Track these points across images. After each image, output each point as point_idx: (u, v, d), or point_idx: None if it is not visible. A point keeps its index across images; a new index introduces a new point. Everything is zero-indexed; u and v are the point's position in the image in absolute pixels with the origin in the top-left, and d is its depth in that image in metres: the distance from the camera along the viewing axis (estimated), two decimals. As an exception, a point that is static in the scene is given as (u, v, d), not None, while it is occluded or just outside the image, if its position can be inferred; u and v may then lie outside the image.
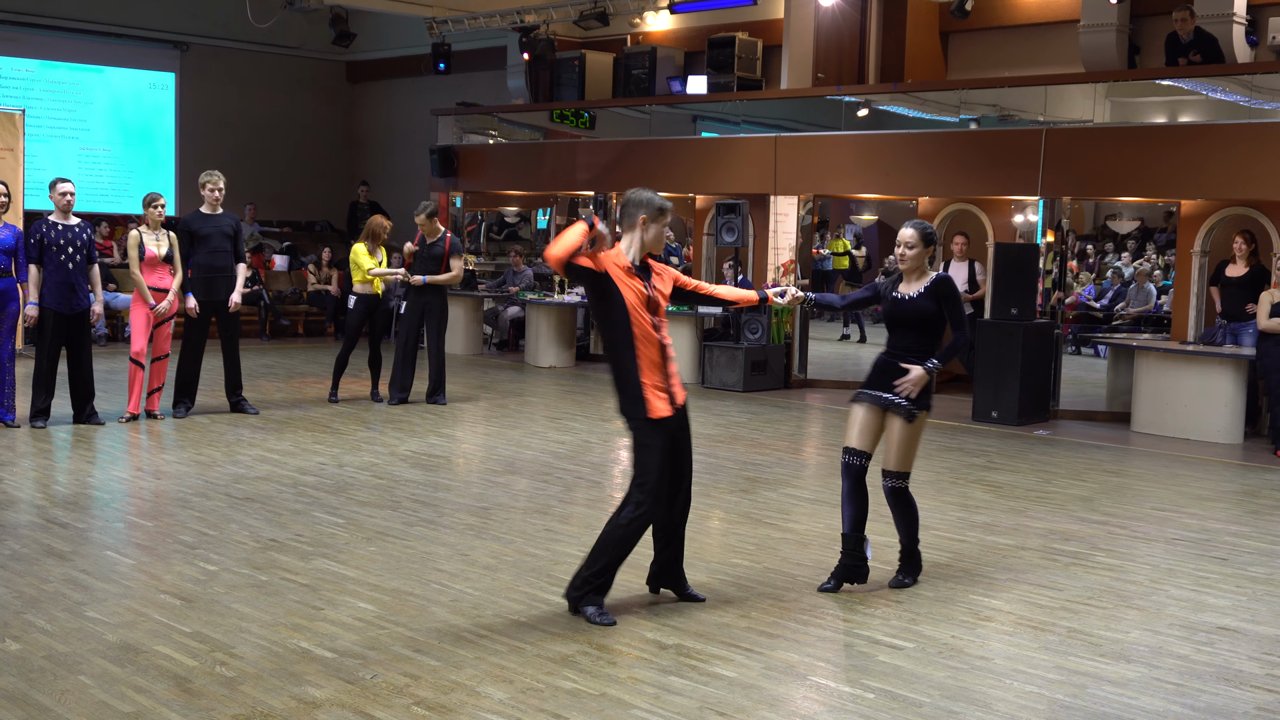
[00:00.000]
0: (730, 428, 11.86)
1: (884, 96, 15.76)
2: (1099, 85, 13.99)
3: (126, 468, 9.37)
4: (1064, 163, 13.22)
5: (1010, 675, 5.32)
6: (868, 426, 6.60)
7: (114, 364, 14.50)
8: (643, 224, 6.01)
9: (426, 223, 12.49)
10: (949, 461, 10.52)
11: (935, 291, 6.53)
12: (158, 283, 11.01)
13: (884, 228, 23.54)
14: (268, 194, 22.40)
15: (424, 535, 7.43)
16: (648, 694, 4.97)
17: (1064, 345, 13.76)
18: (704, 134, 17.64)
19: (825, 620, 6.01)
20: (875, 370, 6.66)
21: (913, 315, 6.53)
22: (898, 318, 6.59)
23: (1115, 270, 18.53)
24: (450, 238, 12.62)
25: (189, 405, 11.44)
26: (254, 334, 18.63)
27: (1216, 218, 12.72)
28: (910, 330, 6.56)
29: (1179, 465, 10.69)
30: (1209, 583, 6.93)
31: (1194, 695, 5.16)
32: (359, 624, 5.73)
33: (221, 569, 6.57)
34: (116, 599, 6.01)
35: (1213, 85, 13.35)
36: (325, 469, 9.31)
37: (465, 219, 19.79)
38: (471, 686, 4.99)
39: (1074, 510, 8.71)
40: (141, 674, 5.03)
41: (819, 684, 5.17)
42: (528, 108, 19.49)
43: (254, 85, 22.98)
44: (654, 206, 6.04)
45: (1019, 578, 6.90)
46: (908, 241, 6.54)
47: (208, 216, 11.27)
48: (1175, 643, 5.84)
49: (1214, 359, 11.88)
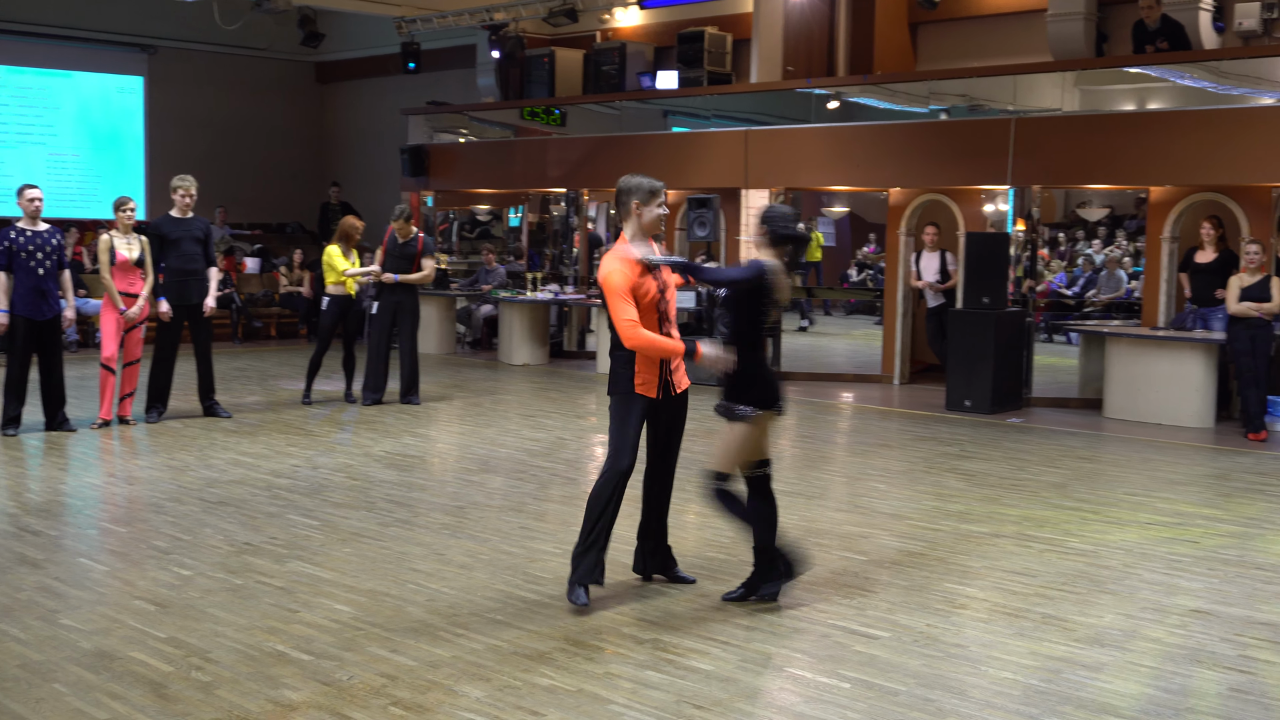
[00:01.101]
0: (704, 422, 11.83)
1: (854, 88, 15.78)
2: (1067, 74, 14.05)
3: (99, 474, 9.32)
4: (1033, 152, 13.28)
5: (985, 662, 5.35)
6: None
7: (85, 370, 14.42)
8: (636, 209, 6.07)
9: (402, 226, 12.49)
10: (922, 451, 10.56)
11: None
12: (129, 287, 10.95)
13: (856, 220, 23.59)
14: (238, 196, 22.29)
15: (399, 535, 7.42)
16: (625, 689, 4.98)
17: (1036, 333, 13.81)
18: (675, 129, 17.63)
19: (801, 612, 6.03)
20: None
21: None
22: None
23: (1086, 258, 18.61)
24: (423, 238, 12.62)
25: (161, 410, 11.39)
26: (226, 337, 18.56)
27: (1185, 204, 12.79)
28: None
29: (1151, 450, 10.75)
30: (1181, 566, 6.98)
31: (1168, 678, 5.20)
32: (335, 625, 5.72)
33: (196, 574, 6.55)
34: (91, 606, 5.98)
35: (1180, 72, 13.41)
36: (299, 471, 9.28)
37: (437, 218, 19.74)
38: (449, 685, 4.99)
39: (1047, 497, 8.76)
40: (117, 680, 5.01)
41: (796, 675, 5.19)
42: (498, 105, 19.46)
43: (223, 87, 22.85)
44: (644, 190, 6.09)
45: (993, 565, 6.94)
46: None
47: (178, 220, 11.23)
48: (1149, 626, 5.88)
49: (1185, 344, 11.95)
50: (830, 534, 7.59)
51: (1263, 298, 11.25)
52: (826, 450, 10.72)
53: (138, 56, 22.06)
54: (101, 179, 21.63)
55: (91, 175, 21.68)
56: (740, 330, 6.02)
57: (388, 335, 12.62)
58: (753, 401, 5.98)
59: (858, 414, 12.94)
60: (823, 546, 7.28)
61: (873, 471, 9.66)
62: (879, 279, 16.58)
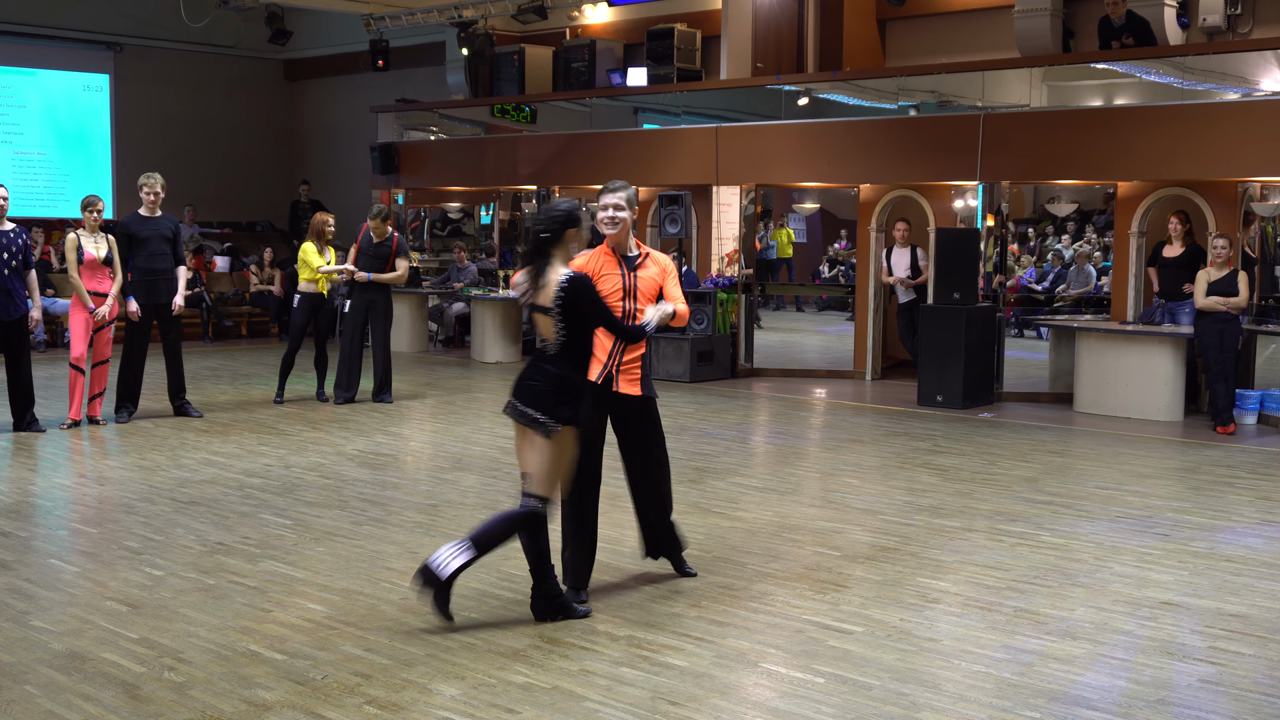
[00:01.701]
0: (678, 419, 11.88)
1: (823, 85, 15.82)
2: (1035, 70, 14.12)
3: (69, 474, 9.26)
4: (1002, 147, 13.34)
5: (958, 655, 5.37)
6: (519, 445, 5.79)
7: (54, 370, 14.32)
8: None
9: (379, 225, 12.47)
10: (895, 446, 10.60)
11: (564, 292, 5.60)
12: (97, 286, 10.87)
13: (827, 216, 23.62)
14: (207, 195, 22.18)
15: (373, 534, 7.40)
16: (600, 686, 4.98)
17: (1006, 328, 13.88)
18: (645, 126, 17.63)
19: (775, 607, 6.04)
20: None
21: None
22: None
23: (1055, 253, 18.69)
24: (398, 238, 12.59)
25: (131, 410, 11.32)
26: (196, 336, 18.46)
27: (1152, 199, 12.88)
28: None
29: (1121, 444, 10.82)
30: (1152, 559, 7.03)
31: (1139, 670, 5.24)
32: (309, 625, 5.70)
33: (168, 574, 6.52)
34: (62, 607, 5.95)
35: (1146, 68, 13.50)
36: (271, 470, 9.24)
37: (408, 216, 19.68)
38: (423, 684, 4.98)
39: (1019, 491, 8.80)
40: (89, 682, 4.98)
41: (770, 670, 5.20)
42: (468, 103, 19.41)
43: (190, 85, 22.72)
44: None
45: (966, 559, 6.97)
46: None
47: (146, 219, 11.15)
48: (1120, 619, 5.93)
49: (1153, 338, 12.03)
50: (803, 529, 7.61)
51: (1230, 292, 11.34)
52: (799, 446, 10.74)
53: (104, 54, 21.90)
54: (68, 178, 21.47)
55: (58, 174, 21.52)
56: (576, 340, 5.61)
57: (360, 334, 12.59)
58: (572, 416, 5.61)
59: (830, 409, 12.98)
60: (796, 542, 7.30)
61: (845, 467, 9.69)
62: (850, 275, 16.62)
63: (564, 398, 5.56)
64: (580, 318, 5.57)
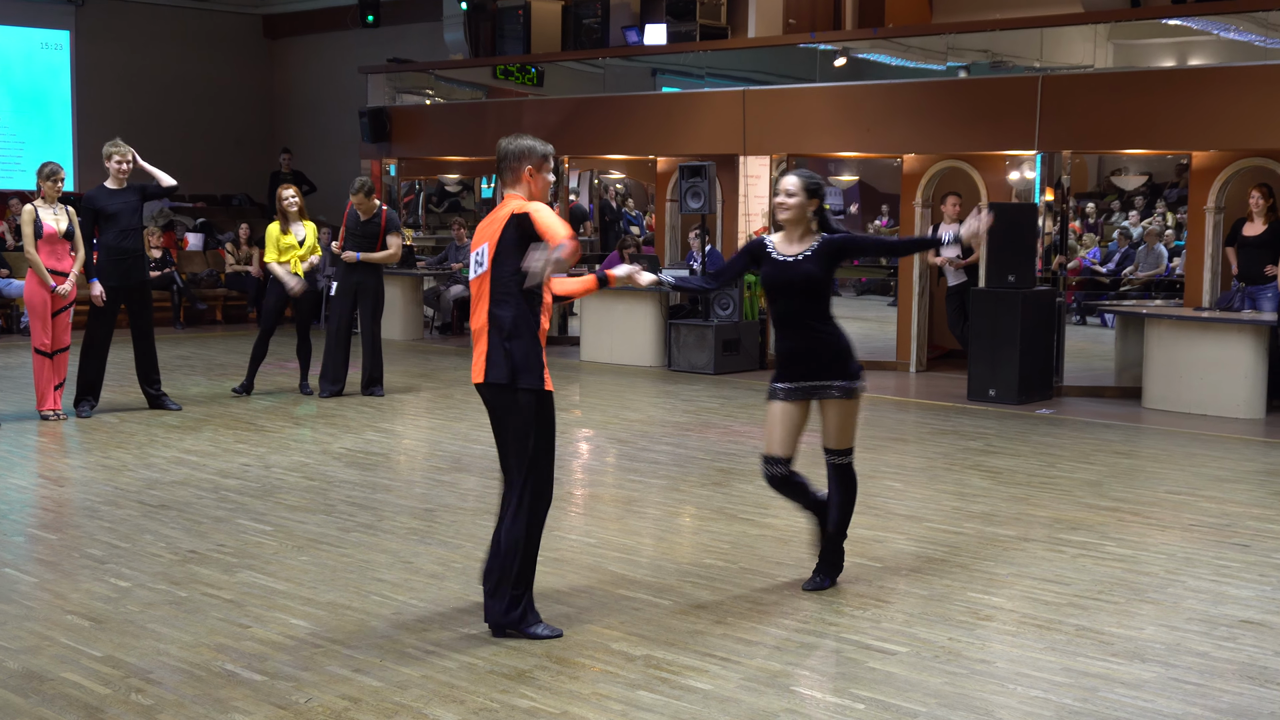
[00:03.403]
0: (701, 414, 11.88)
1: (863, 43, 15.78)
2: (1100, 26, 14.06)
3: (25, 475, 9.29)
4: (1063, 113, 13.29)
5: (1014, 679, 5.36)
6: (791, 425, 6.66)
7: (8, 359, 14.38)
8: (529, 176, 5.79)
9: (363, 200, 12.42)
10: (943, 446, 10.58)
11: (824, 253, 6.39)
12: (57, 264, 10.85)
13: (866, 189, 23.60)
14: (178, 165, 21.77)
15: (362, 542, 7.42)
16: (614, 711, 4.98)
17: (1067, 315, 13.84)
18: (664, 89, 17.62)
19: (809, 624, 6.04)
20: (789, 359, 6.60)
21: (799, 280, 6.36)
22: (780, 283, 6.40)
23: (1122, 231, 18.63)
24: (387, 213, 12.57)
25: (93, 403, 11.36)
26: (167, 321, 18.51)
27: (1231, 171, 12.82)
28: (796, 298, 6.43)
29: (1195, 444, 10.79)
30: (1230, 572, 7.00)
31: (1215, 695, 5.22)
32: (291, 642, 5.71)
33: (135, 585, 6.53)
34: (17, 621, 5.97)
35: (1224, 24, 13.43)
36: (250, 471, 9.26)
37: (401, 189, 19.72)
38: (418, 709, 4.99)
39: (1081, 496, 8.78)
40: (48, 704, 5.00)
41: (803, 695, 5.20)
42: (467, 64, 19.42)
43: (160, 43, 22.76)
44: (537, 154, 5.80)
45: (1022, 572, 6.95)
46: (788, 189, 6.37)
47: (114, 192, 11.16)
48: (1194, 639, 5.90)
49: (1231, 326, 11.98)
50: (840, 538, 7.60)
51: (1317, 274, 11.30)
52: (835, 445, 10.71)
53: (64, 9, 21.97)
54: (24, 145, 21.56)
55: (13, 141, 21.61)
56: (822, 313, 6.55)
57: (348, 320, 12.59)
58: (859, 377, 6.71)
59: (870, 405, 12.92)
60: (832, 552, 7.29)
61: (887, 469, 9.67)
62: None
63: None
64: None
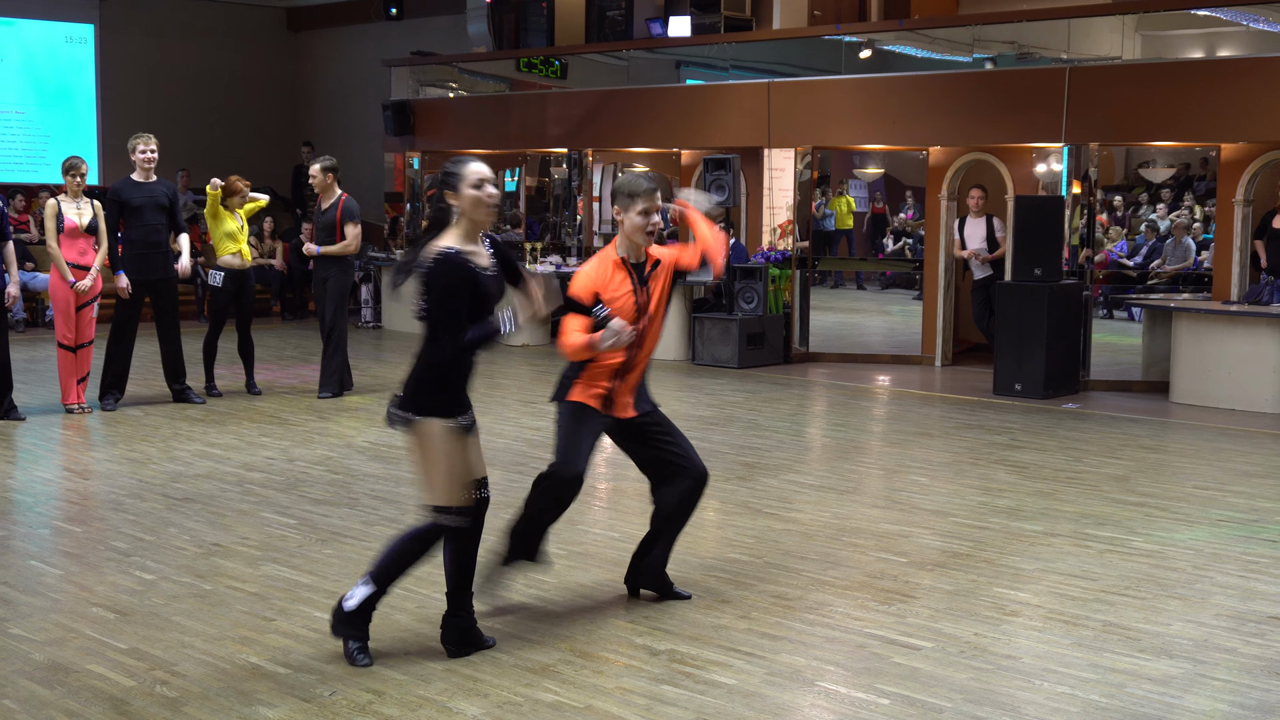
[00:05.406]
0: (725, 408, 11.88)
1: (889, 35, 15.74)
2: (1128, 17, 14.00)
3: (50, 468, 9.34)
4: (1091, 105, 13.23)
5: (1040, 675, 5.35)
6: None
7: (36, 352, 14.45)
8: (617, 214, 5.94)
9: (321, 179, 11.88)
10: (968, 440, 10.55)
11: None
12: (79, 258, 10.89)
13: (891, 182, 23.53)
14: (202, 158, 22.21)
15: (385, 535, 7.40)
16: (638, 705, 4.98)
17: (1094, 308, 13.79)
18: (688, 81, 17.59)
19: (834, 619, 6.03)
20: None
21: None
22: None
23: (1149, 224, 18.54)
24: (345, 200, 11.88)
25: (118, 396, 11.40)
26: (191, 315, 18.55)
27: (1261, 163, 12.76)
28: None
29: (1223, 439, 10.74)
30: (1259, 568, 6.97)
31: (1244, 692, 5.20)
32: (315, 635, 5.73)
33: (160, 578, 6.56)
34: (43, 614, 6.00)
35: (1254, 15, 13.36)
36: (274, 464, 9.29)
37: (424, 182, 19.73)
38: (442, 702, 5.00)
39: (1108, 491, 8.75)
40: (73, 696, 5.02)
41: (828, 690, 5.19)
42: (491, 56, 19.42)
43: (184, 36, 22.81)
44: (623, 193, 5.94)
45: (1048, 567, 6.93)
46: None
47: (140, 184, 11.22)
48: (1222, 635, 5.88)
49: (1260, 320, 11.92)
50: (865, 533, 7.59)
51: (1348, 268, 11.23)
52: (860, 439, 10.71)
53: (89, 2, 22.04)
54: (49, 139, 21.64)
55: (38, 135, 21.70)
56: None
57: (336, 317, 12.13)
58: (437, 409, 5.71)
59: (895, 399, 12.93)
60: (857, 547, 7.28)
61: (912, 463, 9.66)
62: (918, 249, 16.55)
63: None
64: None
